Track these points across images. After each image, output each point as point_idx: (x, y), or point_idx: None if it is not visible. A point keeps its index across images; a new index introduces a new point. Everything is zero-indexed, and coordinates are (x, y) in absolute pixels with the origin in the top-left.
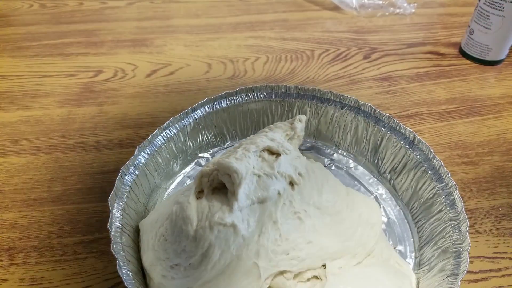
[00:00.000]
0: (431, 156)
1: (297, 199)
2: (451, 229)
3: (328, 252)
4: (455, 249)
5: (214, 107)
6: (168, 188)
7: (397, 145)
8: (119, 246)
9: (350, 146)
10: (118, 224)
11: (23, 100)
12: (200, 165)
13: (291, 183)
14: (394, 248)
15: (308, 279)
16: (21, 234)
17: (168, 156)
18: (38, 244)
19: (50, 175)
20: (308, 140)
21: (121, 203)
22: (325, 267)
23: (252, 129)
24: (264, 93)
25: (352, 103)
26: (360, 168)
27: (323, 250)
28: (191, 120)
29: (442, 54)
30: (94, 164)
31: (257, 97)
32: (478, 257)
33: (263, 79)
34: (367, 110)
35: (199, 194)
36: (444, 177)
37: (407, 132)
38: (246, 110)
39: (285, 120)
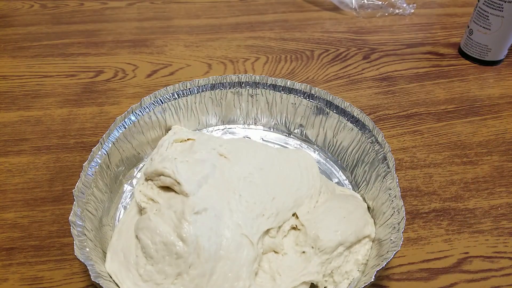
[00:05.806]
0: (331, 98)
1: (238, 165)
2: (370, 144)
3: (291, 202)
4: (380, 157)
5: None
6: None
7: (298, 100)
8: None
9: (257, 118)
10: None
11: (23, 100)
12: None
13: (222, 155)
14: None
15: (289, 231)
16: (22, 234)
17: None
18: (38, 244)
19: (50, 175)
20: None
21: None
22: (296, 217)
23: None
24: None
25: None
26: (272, 133)
27: (287, 202)
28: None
29: (441, 54)
30: None
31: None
32: (477, 256)
33: None
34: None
35: (148, 206)
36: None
37: (302, 88)
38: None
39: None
